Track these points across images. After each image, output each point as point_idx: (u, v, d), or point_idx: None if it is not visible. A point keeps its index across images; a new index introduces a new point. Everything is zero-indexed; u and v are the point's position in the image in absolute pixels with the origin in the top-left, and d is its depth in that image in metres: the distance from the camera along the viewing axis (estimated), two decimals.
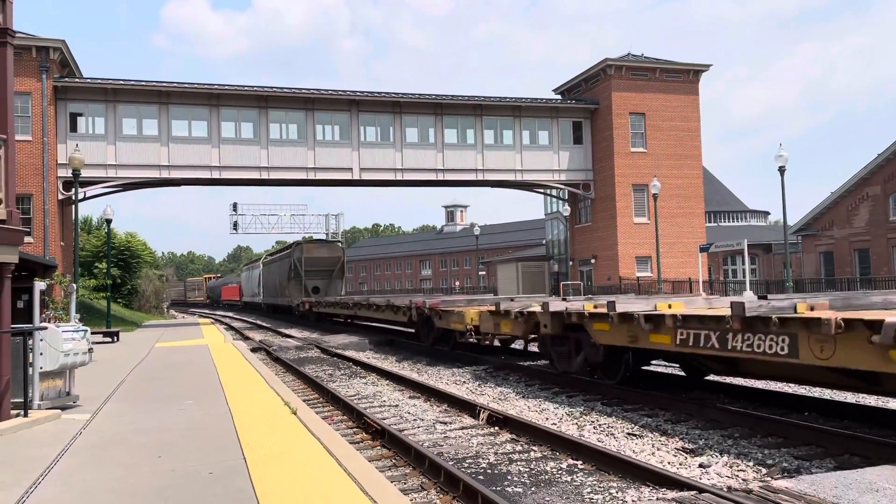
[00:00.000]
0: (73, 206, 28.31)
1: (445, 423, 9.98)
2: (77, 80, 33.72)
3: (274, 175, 35.90)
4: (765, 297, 9.82)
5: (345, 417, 10.70)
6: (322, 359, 20.15)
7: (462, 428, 9.63)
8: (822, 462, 7.35)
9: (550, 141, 40.31)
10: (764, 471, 7.08)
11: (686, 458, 7.71)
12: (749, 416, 9.03)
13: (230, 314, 62.98)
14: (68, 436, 8.17)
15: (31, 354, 9.58)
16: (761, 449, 7.92)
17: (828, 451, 7.63)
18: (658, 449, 8.11)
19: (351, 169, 36.80)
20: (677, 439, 8.55)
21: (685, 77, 41.29)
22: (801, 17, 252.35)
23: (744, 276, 36.27)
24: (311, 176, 36.43)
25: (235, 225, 52.25)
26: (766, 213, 68.61)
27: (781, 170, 27.08)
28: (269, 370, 14.85)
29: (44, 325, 10.46)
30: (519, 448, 8.38)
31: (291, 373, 16.70)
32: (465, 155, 38.65)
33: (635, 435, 8.82)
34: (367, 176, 37.17)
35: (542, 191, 44.24)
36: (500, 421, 9.54)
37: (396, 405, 11.70)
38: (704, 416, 9.50)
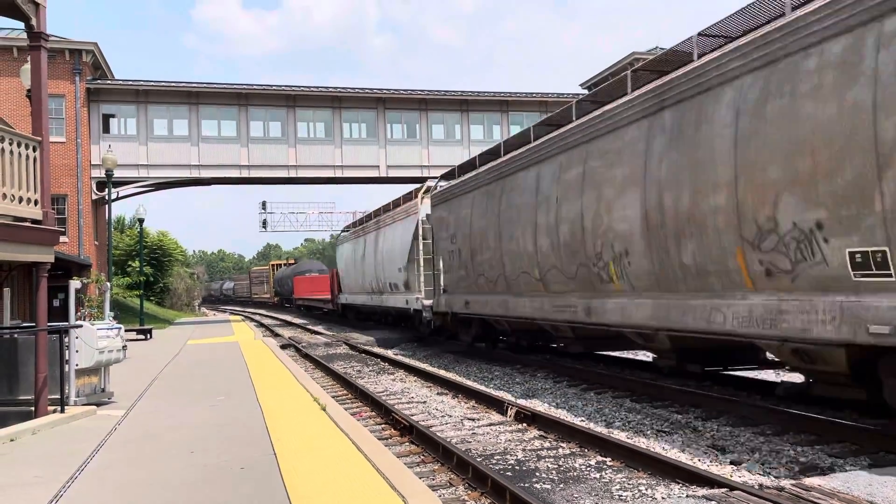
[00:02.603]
0: (107, 205, 28.83)
1: (473, 420, 10.00)
2: (109, 81, 34.31)
3: (302, 173, 36.18)
4: None
5: (373, 414, 10.77)
6: (350, 355, 20.29)
7: (490, 424, 9.63)
8: (857, 460, 7.22)
9: None
10: (796, 469, 6.98)
11: (717, 455, 7.63)
12: (781, 413, 8.90)
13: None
14: (104, 431, 8.34)
15: (67, 352, 9.79)
16: (794, 446, 7.81)
17: (862, 449, 7.49)
18: (688, 446, 8.04)
19: (378, 166, 36.94)
20: (708, 436, 8.47)
21: None
22: None
23: None
24: (339, 174, 36.64)
25: (265, 223, 52.87)
26: None
27: None
28: (298, 366, 15.00)
29: (79, 323, 10.68)
30: (547, 445, 8.36)
31: (320, 369, 16.85)
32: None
33: (665, 432, 8.75)
34: (393, 173, 37.28)
35: None
36: (528, 417, 9.53)
37: (424, 401, 11.75)
38: (736, 413, 9.38)
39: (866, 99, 6.53)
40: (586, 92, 43.02)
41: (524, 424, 9.43)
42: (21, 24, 9.74)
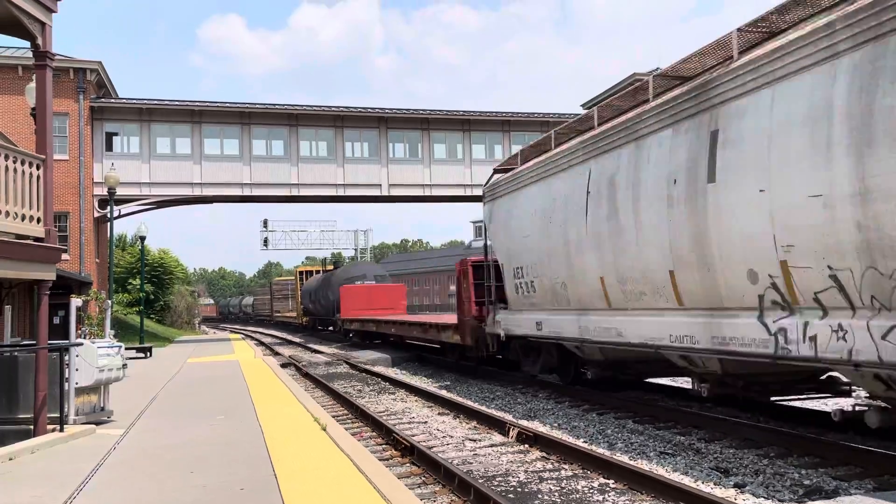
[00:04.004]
0: (109, 223, 28.88)
1: (475, 441, 9.93)
2: (113, 100, 34.50)
3: (304, 192, 36.26)
4: None
5: (374, 434, 10.70)
6: (351, 374, 20.20)
7: (491, 445, 9.57)
8: (862, 483, 7.16)
9: None
10: (801, 491, 6.92)
11: (720, 477, 7.57)
12: (785, 435, 8.84)
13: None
14: (103, 450, 8.28)
15: (67, 370, 9.75)
16: (798, 469, 7.74)
17: (867, 472, 7.43)
18: (691, 468, 7.98)
19: (380, 185, 37.04)
20: (711, 458, 8.41)
21: None
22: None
23: None
24: (341, 192, 36.73)
25: (266, 241, 52.93)
26: None
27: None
28: (298, 386, 14.93)
29: (79, 341, 10.65)
30: (549, 466, 8.30)
31: (321, 388, 16.77)
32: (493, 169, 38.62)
33: (668, 453, 8.69)
34: (395, 192, 37.38)
35: None
36: (529, 438, 9.47)
37: (426, 422, 11.68)
38: (739, 435, 9.32)
39: None
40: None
41: (526, 445, 9.37)
42: (26, 43, 9.81)
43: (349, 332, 33.84)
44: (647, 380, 13.87)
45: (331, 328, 42.47)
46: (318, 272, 49.18)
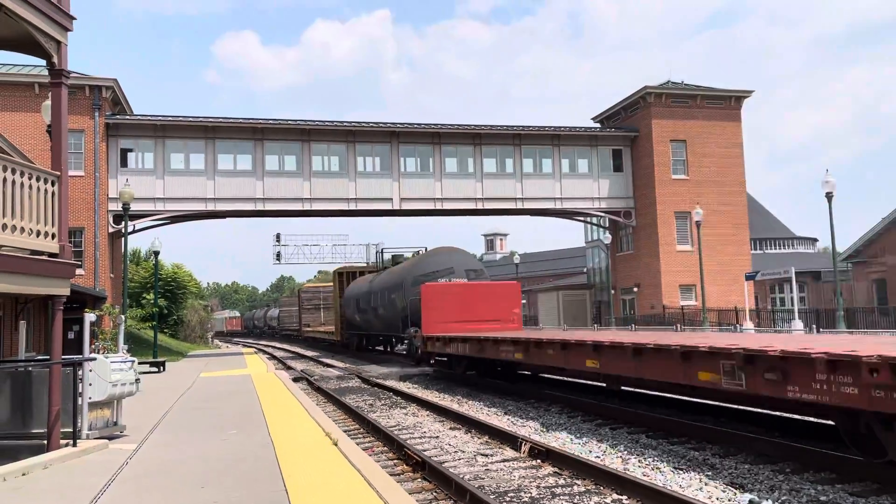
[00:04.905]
0: (123, 238, 29.11)
1: (486, 455, 9.88)
2: (128, 117, 34.91)
3: (316, 206, 36.45)
4: None
5: (385, 448, 10.67)
6: (363, 388, 20.17)
7: (503, 460, 9.51)
8: (879, 500, 7.06)
9: (590, 169, 40.18)
10: None
11: (735, 493, 7.48)
12: (800, 450, 8.74)
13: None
14: (115, 465, 8.30)
15: (80, 385, 9.80)
16: (814, 485, 7.65)
17: (884, 489, 7.33)
18: (706, 484, 7.89)
19: (391, 199, 37.17)
20: (726, 473, 8.32)
21: (727, 103, 40.89)
22: (851, 39, 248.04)
23: (792, 305, 35.36)
24: (353, 206, 36.90)
25: (278, 255, 53.06)
26: (814, 240, 66.87)
27: (829, 196, 26.49)
28: (310, 400, 14.92)
29: (93, 355, 10.70)
30: (562, 482, 8.24)
31: (332, 403, 16.76)
32: (504, 184, 38.73)
33: (682, 469, 8.60)
34: (407, 206, 37.50)
35: (582, 219, 44.01)
36: (541, 453, 9.40)
37: (437, 436, 11.63)
38: (754, 450, 9.22)
39: None
40: (598, 126, 43.26)
41: (538, 461, 9.30)
42: (42, 61, 9.95)
43: (433, 356, 21.67)
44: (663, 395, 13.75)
45: (400, 347, 31.68)
46: (372, 270, 36.71)
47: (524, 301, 59.73)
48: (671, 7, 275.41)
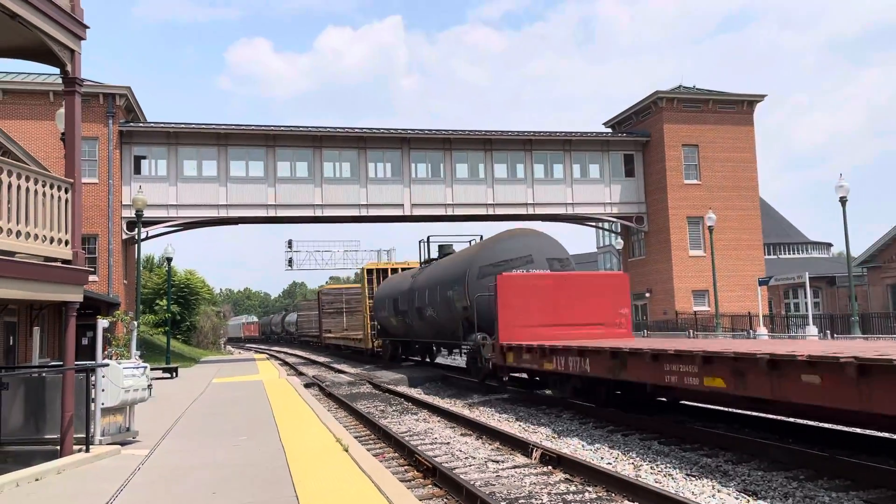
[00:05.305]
0: (136, 245, 29.32)
1: (497, 462, 9.84)
2: (141, 124, 35.19)
3: (328, 212, 36.58)
4: None
5: (396, 454, 10.66)
6: (374, 394, 20.18)
7: (514, 467, 9.48)
8: None
9: (601, 174, 40.10)
10: None
11: (749, 500, 7.42)
12: (814, 457, 8.65)
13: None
14: (127, 471, 8.34)
15: (93, 391, 9.86)
16: (828, 492, 7.57)
17: None
18: (718, 491, 7.83)
19: (402, 205, 37.24)
20: (739, 480, 8.25)
21: (739, 108, 40.71)
22: (864, 41, 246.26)
23: (806, 310, 35.08)
24: (364, 213, 37.00)
25: (290, 261, 53.32)
26: (829, 245, 66.43)
27: (843, 200, 26.31)
28: (321, 406, 14.94)
29: (105, 361, 10.77)
30: (573, 489, 8.19)
31: (344, 409, 16.76)
32: (516, 189, 38.72)
33: (694, 476, 8.54)
34: (417, 212, 37.55)
35: (593, 224, 43.88)
36: (553, 460, 9.36)
37: (448, 442, 11.61)
38: (767, 457, 9.14)
39: None
40: (609, 131, 43.18)
41: (549, 467, 9.26)
42: (56, 70, 10.05)
43: (512, 371, 17.27)
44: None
45: (449, 358, 28.19)
46: (404, 269, 31.74)
47: None
48: (683, 11, 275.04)
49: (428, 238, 26.98)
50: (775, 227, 59.41)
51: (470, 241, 24.66)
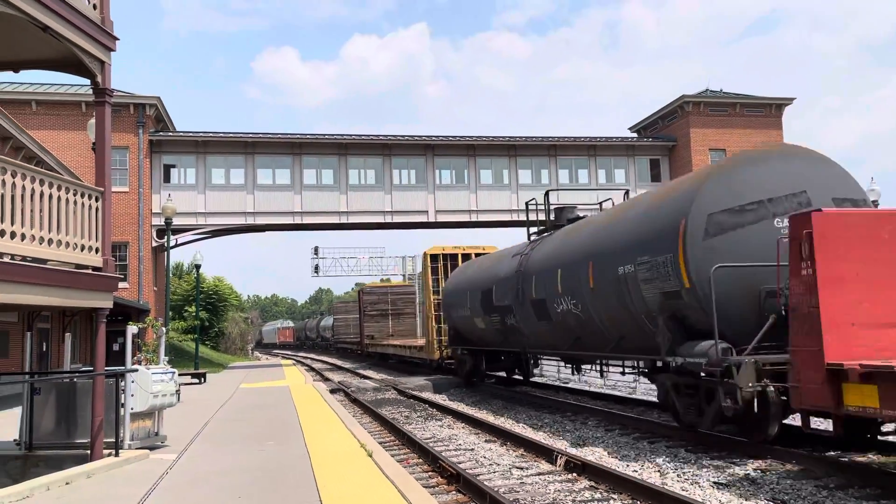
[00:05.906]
0: (166, 252, 29.74)
1: (522, 469, 9.81)
2: (170, 133, 35.76)
3: (353, 219, 36.80)
4: None
5: (420, 460, 10.67)
6: (399, 400, 20.22)
7: (539, 474, 9.43)
8: None
9: (627, 179, 39.81)
10: None
11: None
12: (844, 466, 8.50)
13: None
14: (155, 475, 8.46)
15: (122, 396, 10.02)
16: (859, 501, 7.43)
17: None
18: (747, 500, 7.72)
19: (427, 212, 37.34)
20: (767, 489, 8.12)
21: (767, 111, 40.21)
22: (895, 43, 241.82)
23: None
24: (389, 219, 37.15)
25: (317, 268, 53.67)
26: None
27: (875, 204, 25.82)
28: (346, 411, 15.01)
29: (134, 367, 10.94)
30: (598, 496, 8.14)
31: (368, 414, 16.83)
32: (540, 194, 38.54)
33: (722, 484, 8.43)
34: (442, 218, 37.61)
35: None
36: (577, 467, 9.30)
37: (472, 448, 11.59)
38: (796, 465, 8.99)
39: None
40: (635, 136, 42.89)
41: (574, 474, 9.21)
42: (88, 81, 10.26)
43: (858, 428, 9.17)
44: None
45: (593, 380, 20.99)
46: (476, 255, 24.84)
47: None
48: (710, 15, 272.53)
49: (547, 192, 20.08)
50: None
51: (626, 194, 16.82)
